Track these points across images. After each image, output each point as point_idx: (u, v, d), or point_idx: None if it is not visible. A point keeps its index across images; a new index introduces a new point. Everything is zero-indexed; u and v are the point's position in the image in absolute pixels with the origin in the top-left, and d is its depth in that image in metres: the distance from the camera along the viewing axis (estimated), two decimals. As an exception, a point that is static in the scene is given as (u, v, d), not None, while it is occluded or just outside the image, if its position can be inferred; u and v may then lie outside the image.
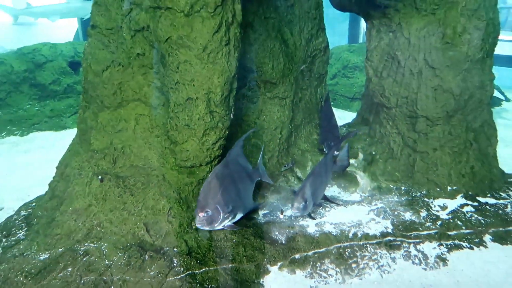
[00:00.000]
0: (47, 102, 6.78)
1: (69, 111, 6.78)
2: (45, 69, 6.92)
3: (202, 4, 2.95)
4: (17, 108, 6.56)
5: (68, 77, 7.09)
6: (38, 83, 6.82)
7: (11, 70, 6.66)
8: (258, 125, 4.00)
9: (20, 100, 6.63)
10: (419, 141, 3.92)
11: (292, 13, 4.12)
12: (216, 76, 3.05)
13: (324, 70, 4.56)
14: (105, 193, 3.19)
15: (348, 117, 7.18)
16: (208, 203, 2.77)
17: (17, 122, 6.40)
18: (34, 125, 6.42)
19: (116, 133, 3.34)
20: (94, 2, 3.40)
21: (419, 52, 3.74)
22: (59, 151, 5.71)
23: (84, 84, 3.48)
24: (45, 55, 7.00)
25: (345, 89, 8.13)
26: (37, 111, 6.60)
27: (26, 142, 6.03)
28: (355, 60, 8.36)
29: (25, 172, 5.07)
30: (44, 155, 5.58)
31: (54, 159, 5.36)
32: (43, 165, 5.27)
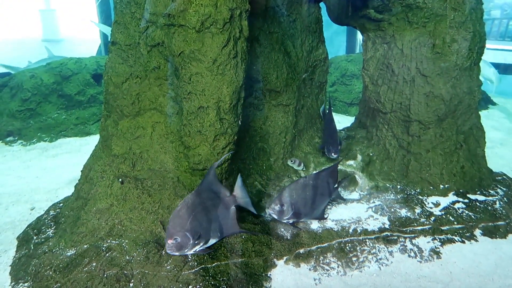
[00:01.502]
0: (73, 111, 6.82)
1: (93, 118, 6.81)
2: (71, 81, 6.96)
3: (212, 21, 2.94)
4: (46, 116, 6.61)
5: (91, 88, 7.13)
6: (65, 94, 6.86)
7: (41, 82, 6.71)
8: (264, 130, 3.98)
9: (49, 110, 6.68)
10: (412, 143, 3.87)
11: (294, 28, 4.10)
12: (225, 87, 3.04)
13: (324, 79, 4.52)
14: (125, 194, 3.19)
15: (347, 121, 7.13)
16: (177, 230, 2.64)
17: (46, 129, 6.44)
18: (62, 132, 6.46)
19: (135, 140, 3.34)
20: (114, 21, 3.41)
21: (412, 62, 3.69)
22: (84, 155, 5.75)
23: (105, 95, 3.49)
24: (71, 68, 7.05)
25: (344, 96, 8.07)
26: (64, 119, 6.63)
27: (55, 148, 6.06)
28: (352, 69, 8.30)
29: (54, 175, 5.09)
30: (70, 159, 5.61)
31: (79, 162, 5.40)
32: (70, 168, 5.29)
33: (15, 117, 6.45)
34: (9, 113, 6.48)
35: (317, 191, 3.24)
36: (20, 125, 6.39)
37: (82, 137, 6.44)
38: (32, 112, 6.57)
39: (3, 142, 6.22)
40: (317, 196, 3.26)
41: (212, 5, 2.95)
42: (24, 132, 6.33)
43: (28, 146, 6.10)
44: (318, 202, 3.27)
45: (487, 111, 8.51)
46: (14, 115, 6.46)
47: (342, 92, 8.13)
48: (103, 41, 10.37)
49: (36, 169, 5.29)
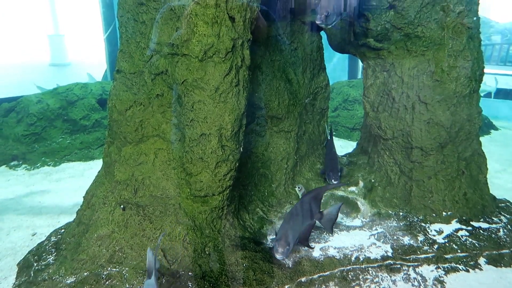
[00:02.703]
0: (78, 136, 6.90)
1: (97, 143, 6.88)
2: (76, 106, 7.08)
3: (214, 50, 3.02)
4: (51, 141, 6.68)
5: (96, 113, 7.23)
6: (70, 119, 6.96)
7: (47, 107, 6.82)
8: (266, 156, 4.00)
9: (54, 134, 6.76)
10: (414, 170, 3.87)
11: (295, 56, 4.19)
12: (227, 114, 3.08)
13: (326, 105, 4.58)
14: (127, 221, 3.19)
15: (349, 146, 7.16)
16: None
17: (50, 153, 6.50)
18: (66, 156, 6.51)
19: (137, 166, 3.37)
20: (120, 49, 3.51)
21: (412, 89, 3.74)
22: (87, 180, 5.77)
23: (109, 121, 3.55)
24: (77, 94, 7.18)
25: (346, 121, 8.13)
26: (69, 144, 6.70)
27: (58, 172, 6.10)
28: (354, 94, 8.39)
29: (57, 200, 5.11)
30: (73, 184, 5.63)
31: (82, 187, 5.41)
32: (73, 193, 5.31)
33: (20, 141, 6.53)
34: (14, 137, 6.56)
35: (300, 216, 3.22)
36: (25, 149, 6.46)
37: (86, 161, 6.48)
38: (37, 136, 6.65)
39: (7, 167, 6.27)
40: (300, 221, 3.22)
41: (215, 35, 3.03)
42: (29, 157, 6.39)
43: (32, 170, 6.15)
44: (299, 227, 3.23)
45: (489, 136, 8.51)
46: (19, 140, 6.54)
47: (344, 117, 8.19)
48: (109, 67, 10.58)
49: (38, 194, 5.31)
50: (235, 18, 3.10)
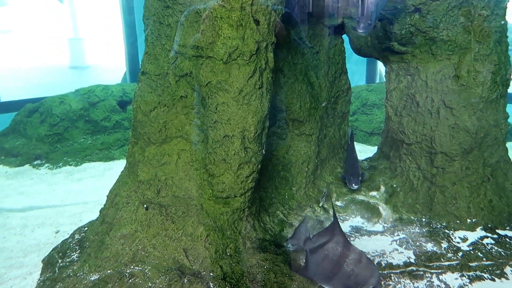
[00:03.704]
0: (98, 136, 7.03)
1: (117, 144, 6.99)
2: (98, 108, 7.22)
3: (238, 53, 3.05)
4: (73, 141, 6.83)
5: (117, 114, 7.36)
6: (91, 120, 7.10)
7: (69, 108, 6.98)
8: (287, 159, 4.01)
9: (76, 135, 6.90)
10: (438, 176, 3.81)
11: (317, 59, 4.19)
12: (250, 116, 3.10)
13: (347, 109, 4.56)
14: (149, 220, 3.23)
15: (368, 151, 7.10)
16: None
17: (72, 153, 6.64)
18: (87, 156, 6.64)
19: (160, 166, 3.41)
20: (145, 52, 3.57)
21: (436, 93, 3.70)
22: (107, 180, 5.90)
23: (134, 122, 3.61)
24: (98, 95, 7.33)
25: (364, 125, 8.07)
26: (90, 144, 6.84)
27: (80, 172, 6.22)
28: (373, 99, 8.33)
29: (78, 199, 5.21)
30: (94, 184, 5.74)
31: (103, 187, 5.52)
32: (94, 192, 5.41)
33: (43, 141, 6.69)
34: (38, 137, 6.73)
35: None
36: (47, 149, 6.61)
37: (106, 161, 6.60)
38: (59, 136, 6.80)
39: (31, 165, 6.43)
40: None
41: (239, 38, 3.06)
42: (51, 156, 6.54)
43: (55, 169, 6.29)
44: None
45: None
46: (42, 139, 6.71)
47: (362, 121, 8.13)
48: (129, 69, 10.75)
49: (61, 193, 5.42)
50: (260, 21, 3.13)
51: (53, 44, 28.63)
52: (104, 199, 3.77)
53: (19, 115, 7.17)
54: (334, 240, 2.79)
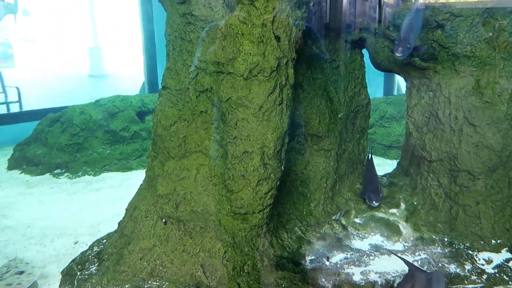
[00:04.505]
0: (117, 146, 7.13)
1: (135, 154, 7.08)
2: (117, 118, 7.33)
3: (259, 69, 3.06)
4: (92, 151, 6.94)
5: (135, 125, 7.46)
6: (110, 130, 7.21)
7: (89, 118, 7.12)
8: (305, 175, 3.97)
9: (95, 144, 7.02)
10: (461, 194, 3.72)
11: (337, 74, 4.17)
12: (270, 132, 3.09)
13: (366, 124, 4.51)
14: (168, 235, 3.24)
15: (386, 164, 7.01)
16: None
17: (91, 163, 6.75)
18: (105, 166, 6.74)
19: (179, 181, 3.43)
20: (166, 67, 3.62)
21: (459, 110, 3.63)
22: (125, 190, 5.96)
23: (154, 136, 3.64)
24: (118, 106, 7.45)
25: (383, 138, 7.97)
26: (108, 154, 6.94)
27: (98, 181, 6.31)
28: (391, 111, 8.23)
29: (97, 209, 5.27)
30: (112, 194, 5.80)
31: (121, 197, 5.59)
32: (112, 203, 5.47)
33: (63, 150, 6.82)
34: (58, 146, 6.86)
35: None
36: (67, 158, 6.74)
37: (124, 172, 6.68)
38: (79, 146, 6.93)
39: (51, 174, 6.56)
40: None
41: (260, 54, 3.07)
42: (71, 165, 6.66)
43: (74, 179, 6.39)
44: None
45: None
46: (63, 149, 6.84)
47: (381, 134, 8.03)
48: (147, 80, 10.92)
49: (80, 202, 5.50)
50: (281, 38, 3.13)
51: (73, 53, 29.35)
52: (122, 210, 3.80)
53: (41, 124, 7.34)
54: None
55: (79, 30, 30.70)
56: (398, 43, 3.34)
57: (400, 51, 3.30)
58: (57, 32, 35.37)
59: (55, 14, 34.15)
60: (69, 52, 30.36)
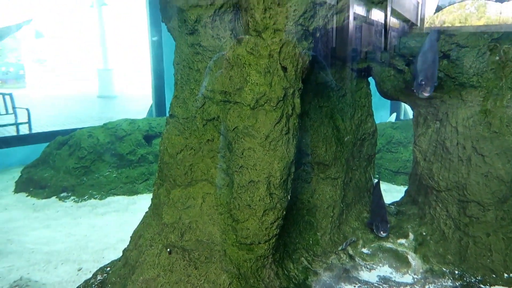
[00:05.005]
0: (124, 170, 7.15)
1: (141, 178, 7.09)
2: (124, 141, 7.39)
3: (266, 99, 3.08)
4: (99, 174, 6.97)
5: (142, 148, 7.50)
6: (117, 153, 7.26)
7: (97, 142, 7.18)
8: (312, 203, 3.94)
9: (102, 168, 7.06)
10: (470, 225, 3.65)
11: (343, 102, 4.19)
12: (276, 162, 3.09)
13: (373, 152, 4.50)
14: (172, 265, 3.20)
15: (393, 190, 6.94)
16: None
17: (97, 186, 6.76)
18: (111, 190, 6.75)
19: (185, 209, 3.41)
20: (174, 95, 3.66)
21: (467, 140, 3.61)
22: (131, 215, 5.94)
23: (160, 164, 3.65)
24: (125, 129, 7.52)
25: (390, 163, 7.91)
26: (115, 178, 6.96)
27: (104, 205, 6.31)
28: (398, 136, 8.20)
29: (101, 234, 5.25)
30: (118, 219, 5.78)
31: (126, 222, 5.57)
32: (117, 228, 5.44)
33: (70, 173, 6.86)
34: (65, 169, 6.91)
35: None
36: (74, 182, 6.76)
37: (130, 195, 6.68)
38: (86, 169, 6.97)
39: (57, 198, 6.57)
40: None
41: (267, 84, 3.10)
42: (77, 189, 6.68)
43: (80, 202, 6.40)
44: None
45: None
46: (70, 172, 6.88)
47: (388, 159, 7.99)
48: (155, 102, 11.05)
49: (85, 227, 5.48)
50: (287, 68, 3.17)
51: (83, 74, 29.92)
52: (127, 236, 3.78)
53: (49, 147, 7.42)
54: None
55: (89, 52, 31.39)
56: (422, 82, 3.12)
57: (428, 90, 3.10)
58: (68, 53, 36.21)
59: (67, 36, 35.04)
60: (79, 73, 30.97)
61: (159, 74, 11.08)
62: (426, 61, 3.25)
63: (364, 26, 4.18)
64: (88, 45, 32.01)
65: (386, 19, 4.09)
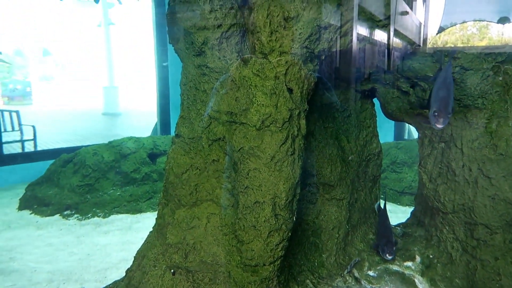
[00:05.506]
0: (128, 188, 7.16)
1: (145, 196, 7.09)
2: (128, 160, 7.42)
3: (271, 120, 3.11)
4: (102, 192, 6.98)
5: (146, 167, 7.53)
6: (121, 171, 7.28)
7: (101, 159, 7.22)
8: (317, 225, 3.91)
9: (106, 186, 7.07)
10: (478, 249, 3.61)
11: (348, 123, 4.21)
12: (281, 183, 3.09)
13: (378, 173, 4.49)
14: (176, 287, 3.17)
15: (398, 211, 6.88)
16: None
17: (101, 205, 6.76)
18: (115, 208, 6.74)
19: (189, 230, 3.40)
20: (180, 116, 3.71)
21: (474, 162, 3.60)
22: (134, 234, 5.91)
23: (165, 183, 3.66)
24: (130, 147, 7.56)
25: (394, 184, 7.88)
26: (119, 196, 6.96)
27: (107, 224, 6.29)
28: (403, 157, 8.19)
29: (104, 253, 5.21)
30: (121, 237, 5.75)
31: (129, 241, 5.54)
32: (120, 247, 5.41)
33: (74, 191, 6.87)
34: (70, 187, 6.93)
35: None
36: (78, 200, 6.77)
37: (133, 214, 6.66)
38: (90, 187, 6.98)
39: (60, 215, 6.57)
40: None
41: (273, 106, 3.13)
42: (81, 207, 6.68)
43: (83, 220, 6.39)
44: None
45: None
46: (74, 190, 6.89)
47: (392, 180, 7.95)
48: (160, 121, 11.14)
49: (88, 246, 5.46)
50: (293, 90, 3.21)
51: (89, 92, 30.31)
52: (129, 255, 3.76)
53: (54, 164, 7.46)
54: None
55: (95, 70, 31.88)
56: (435, 113, 3.01)
57: (441, 122, 2.98)
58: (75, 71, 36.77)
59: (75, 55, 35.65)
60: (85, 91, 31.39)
61: (165, 93, 11.21)
62: (440, 90, 3.17)
63: (368, 47, 4.24)
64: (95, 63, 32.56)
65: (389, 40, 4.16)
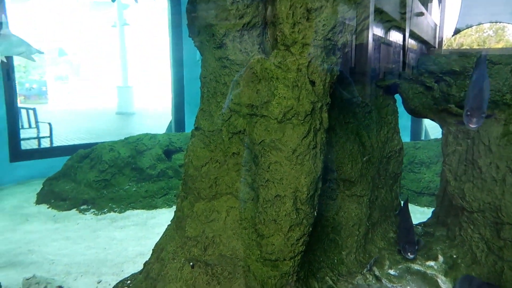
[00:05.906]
0: (143, 184, 7.19)
1: (161, 192, 7.10)
2: (144, 156, 7.45)
3: (293, 113, 3.07)
4: (118, 188, 7.02)
5: (162, 163, 7.55)
6: (137, 167, 7.32)
7: (118, 155, 7.26)
8: (337, 221, 3.86)
9: (122, 181, 7.11)
10: (505, 249, 3.50)
11: (369, 119, 4.14)
12: (303, 177, 3.05)
13: (399, 170, 4.41)
14: (195, 280, 3.15)
15: (417, 211, 6.76)
16: None
17: (117, 200, 6.80)
18: (131, 203, 6.77)
19: (209, 223, 3.38)
20: (200, 108, 3.69)
21: (501, 160, 3.50)
22: (149, 229, 5.93)
23: (184, 177, 3.65)
24: (146, 144, 7.60)
25: (412, 184, 7.74)
26: (134, 192, 6.99)
27: (123, 219, 6.32)
28: (421, 156, 8.04)
29: (120, 247, 5.23)
30: (136, 232, 5.77)
31: (144, 236, 5.55)
32: (135, 241, 5.42)
33: (91, 186, 6.92)
34: (86, 182, 6.98)
35: None
36: (94, 195, 6.82)
37: (149, 210, 6.68)
38: (106, 182, 7.03)
39: (77, 210, 6.62)
40: None
41: (295, 98, 3.09)
42: (97, 202, 6.72)
43: (100, 215, 6.43)
44: None
45: None
46: (90, 185, 6.95)
47: (410, 180, 7.81)
48: (174, 119, 11.19)
49: (104, 240, 5.48)
50: (316, 82, 3.17)
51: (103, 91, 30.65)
52: (146, 250, 3.76)
53: (71, 160, 7.53)
54: None
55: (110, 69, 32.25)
56: (468, 113, 2.90)
57: (475, 122, 2.86)
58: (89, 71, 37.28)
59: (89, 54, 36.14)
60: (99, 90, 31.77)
61: (179, 91, 11.25)
62: (475, 89, 3.05)
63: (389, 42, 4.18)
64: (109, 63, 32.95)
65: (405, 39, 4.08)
